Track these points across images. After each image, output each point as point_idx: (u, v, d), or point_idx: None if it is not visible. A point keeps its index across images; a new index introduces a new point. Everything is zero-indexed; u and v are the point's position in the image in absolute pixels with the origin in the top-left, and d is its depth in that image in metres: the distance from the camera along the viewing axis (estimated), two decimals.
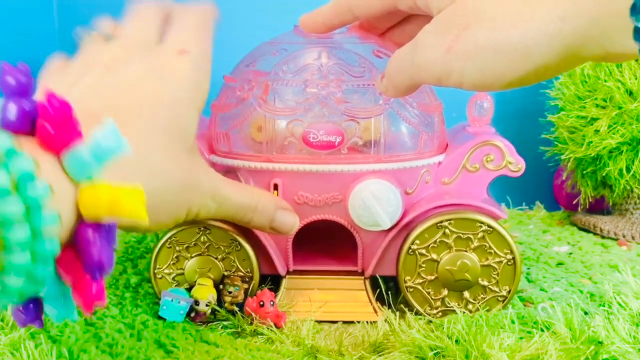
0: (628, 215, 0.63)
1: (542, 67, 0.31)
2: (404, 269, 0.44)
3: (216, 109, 0.47)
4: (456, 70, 0.33)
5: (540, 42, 0.30)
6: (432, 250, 0.44)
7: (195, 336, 0.42)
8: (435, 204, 0.44)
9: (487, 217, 0.43)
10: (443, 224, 0.43)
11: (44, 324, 0.41)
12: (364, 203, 0.43)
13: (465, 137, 0.47)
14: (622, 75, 0.58)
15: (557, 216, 0.69)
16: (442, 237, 0.44)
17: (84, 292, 0.27)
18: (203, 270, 0.45)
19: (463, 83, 0.33)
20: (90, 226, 0.27)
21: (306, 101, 0.43)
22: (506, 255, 0.44)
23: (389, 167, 0.44)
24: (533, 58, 0.31)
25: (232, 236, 0.44)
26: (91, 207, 0.27)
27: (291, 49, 0.46)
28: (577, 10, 0.29)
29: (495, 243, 0.43)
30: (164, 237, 0.45)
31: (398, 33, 0.44)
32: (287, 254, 0.46)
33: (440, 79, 0.34)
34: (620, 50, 0.29)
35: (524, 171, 0.46)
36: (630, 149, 0.59)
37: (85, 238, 0.27)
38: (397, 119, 0.44)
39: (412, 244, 0.44)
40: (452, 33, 0.32)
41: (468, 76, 0.32)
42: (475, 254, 0.44)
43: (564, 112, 0.62)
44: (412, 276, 0.44)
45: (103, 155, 0.27)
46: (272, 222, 0.42)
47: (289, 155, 0.44)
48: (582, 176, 0.63)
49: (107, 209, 0.26)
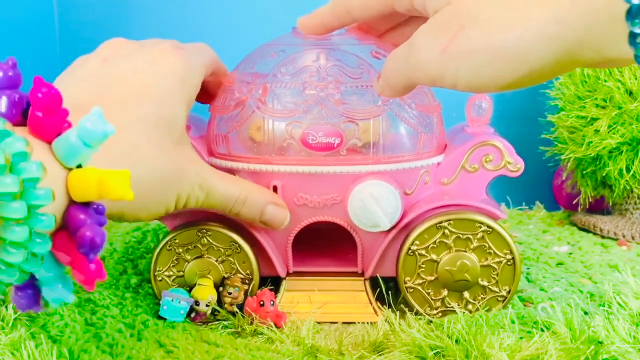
0: (628, 215, 0.63)
1: (537, 71, 0.31)
2: (404, 269, 0.44)
3: (215, 111, 0.47)
4: (451, 71, 0.33)
5: (536, 45, 0.30)
6: (431, 251, 0.44)
7: (196, 336, 0.42)
8: (435, 204, 0.44)
9: (486, 217, 0.43)
10: (443, 224, 0.43)
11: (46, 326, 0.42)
12: (363, 204, 0.43)
13: (464, 138, 0.47)
14: (622, 75, 0.58)
15: (557, 216, 0.69)
16: (442, 237, 0.44)
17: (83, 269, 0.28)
18: (203, 273, 0.45)
19: (457, 84, 0.33)
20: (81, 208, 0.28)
21: (305, 103, 0.43)
22: (506, 255, 0.44)
23: (388, 168, 0.44)
24: (528, 61, 0.31)
25: (232, 238, 0.44)
26: (80, 189, 0.28)
27: (289, 51, 0.46)
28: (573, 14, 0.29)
29: (494, 243, 0.43)
30: (164, 239, 0.45)
31: (397, 35, 0.45)
32: (286, 255, 0.46)
33: (435, 80, 0.34)
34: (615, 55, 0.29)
35: (522, 171, 0.46)
36: (630, 149, 0.59)
37: (77, 219, 0.28)
38: (395, 120, 0.44)
39: (412, 244, 0.44)
40: (448, 34, 0.32)
41: (463, 77, 0.32)
42: (475, 254, 0.44)
43: (564, 112, 0.62)
44: (411, 277, 0.44)
45: (91, 140, 0.28)
46: (261, 216, 0.43)
47: (288, 157, 0.44)
48: (582, 176, 0.63)
49: (95, 190, 0.27)
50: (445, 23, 0.33)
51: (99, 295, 0.47)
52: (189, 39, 0.44)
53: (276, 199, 0.44)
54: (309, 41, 0.46)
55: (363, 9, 0.41)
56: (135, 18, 0.75)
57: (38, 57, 0.72)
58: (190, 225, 0.45)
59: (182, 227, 0.45)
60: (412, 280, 0.44)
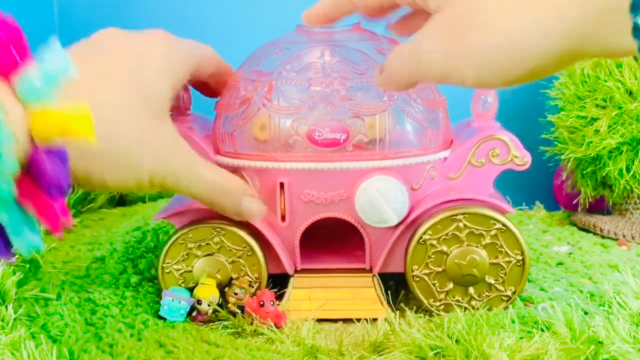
0: (628, 215, 0.63)
1: (541, 66, 0.31)
2: (413, 257, 0.44)
3: (220, 109, 0.47)
4: (457, 70, 0.33)
5: (540, 42, 0.30)
6: (443, 242, 0.44)
7: (196, 336, 0.42)
8: (442, 199, 0.44)
9: (497, 213, 0.43)
10: (457, 217, 0.43)
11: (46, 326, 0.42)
12: (370, 200, 0.43)
13: (470, 132, 0.47)
14: (622, 75, 0.58)
15: (557, 216, 0.69)
16: (455, 230, 0.44)
17: (49, 214, 0.28)
18: (212, 271, 0.45)
19: (464, 82, 0.34)
20: (43, 149, 0.27)
21: (310, 99, 0.43)
22: (516, 255, 0.44)
23: (395, 163, 0.44)
24: (533, 58, 0.31)
25: (246, 240, 0.44)
26: (42, 130, 0.27)
27: (294, 49, 0.46)
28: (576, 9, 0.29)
29: (507, 242, 0.43)
30: (177, 232, 0.45)
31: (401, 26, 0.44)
32: (294, 252, 0.46)
33: (442, 78, 0.34)
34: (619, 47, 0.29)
35: (530, 165, 0.46)
36: (630, 149, 0.59)
37: (39, 159, 0.27)
38: (401, 115, 0.44)
39: (424, 233, 0.44)
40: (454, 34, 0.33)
41: (469, 76, 0.33)
42: (486, 251, 0.44)
43: (564, 112, 0.62)
44: (419, 265, 0.44)
45: (52, 78, 0.27)
46: (238, 207, 0.43)
47: (295, 154, 0.44)
48: (582, 176, 0.63)
49: (57, 130, 0.27)
50: (450, 23, 0.33)
51: (99, 295, 0.47)
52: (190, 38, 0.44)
53: (250, 191, 0.44)
54: (313, 38, 0.46)
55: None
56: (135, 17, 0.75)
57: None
58: (205, 222, 0.45)
59: (196, 223, 0.45)
60: (419, 269, 0.44)
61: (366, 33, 0.47)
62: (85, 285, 0.49)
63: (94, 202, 0.69)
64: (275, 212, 0.45)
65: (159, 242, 0.57)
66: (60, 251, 0.56)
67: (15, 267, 0.49)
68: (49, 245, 0.57)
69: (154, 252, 0.55)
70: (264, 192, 0.45)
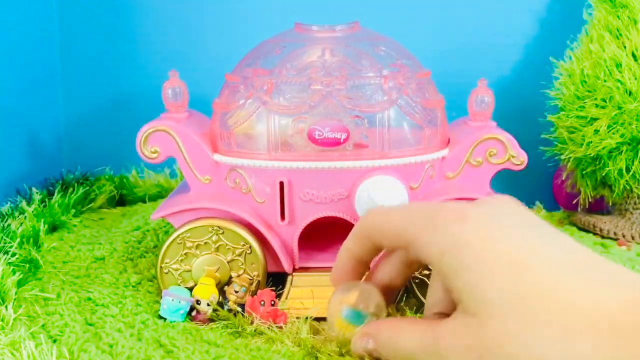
0: (628, 215, 0.63)
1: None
2: None
3: (219, 107, 0.47)
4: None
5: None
6: None
7: (196, 336, 0.42)
8: (441, 198, 0.44)
9: None
10: None
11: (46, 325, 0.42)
12: (370, 199, 0.43)
13: (467, 132, 0.47)
14: (622, 75, 0.58)
15: (557, 216, 0.69)
16: None
17: None
18: (210, 270, 0.45)
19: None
20: None
21: (311, 98, 0.44)
22: None
23: (394, 162, 0.44)
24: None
25: (245, 239, 0.44)
26: None
27: (294, 47, 0.46)
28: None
29: None
30: (176, 232, 0.45)
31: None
32: (293, 251, 0.46)
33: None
34: None
35: (526, 164, 0.46)
36: (630, 149, 0.59)
37: None
38: (401, 115, 0.44)
39: None
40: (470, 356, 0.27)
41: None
42: None
43: (564, 112, 0.62)
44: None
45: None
46: None
47: (294, 153, 0.44)
48: (582, 176, 0.63)
49: None
50: (467, 342, 0.28)
51: (99, 294, 0.47)
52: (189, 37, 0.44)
53: None
54: (312, 37, 0.46)
55: None
56: (135, 17, 0.75)
57: (38, 57, 0.72)
58: (203, 221, 0.45)
59: (195, 223, 0.45)
60: (418, 271, 0.44)
61: (366, 32, 0.47)
62: (85, 285, 0.49)
63: (94, 202, 0.69)
64: (274, 211, 0.45)
65: (158, 241, 0.57)
66: (60, 251, 0.56)
67: (15, 267, 0.49)
68: (49, 245, 0.57)
69: (154, 252, 0.55)
70: (263, 191, 0.45)
